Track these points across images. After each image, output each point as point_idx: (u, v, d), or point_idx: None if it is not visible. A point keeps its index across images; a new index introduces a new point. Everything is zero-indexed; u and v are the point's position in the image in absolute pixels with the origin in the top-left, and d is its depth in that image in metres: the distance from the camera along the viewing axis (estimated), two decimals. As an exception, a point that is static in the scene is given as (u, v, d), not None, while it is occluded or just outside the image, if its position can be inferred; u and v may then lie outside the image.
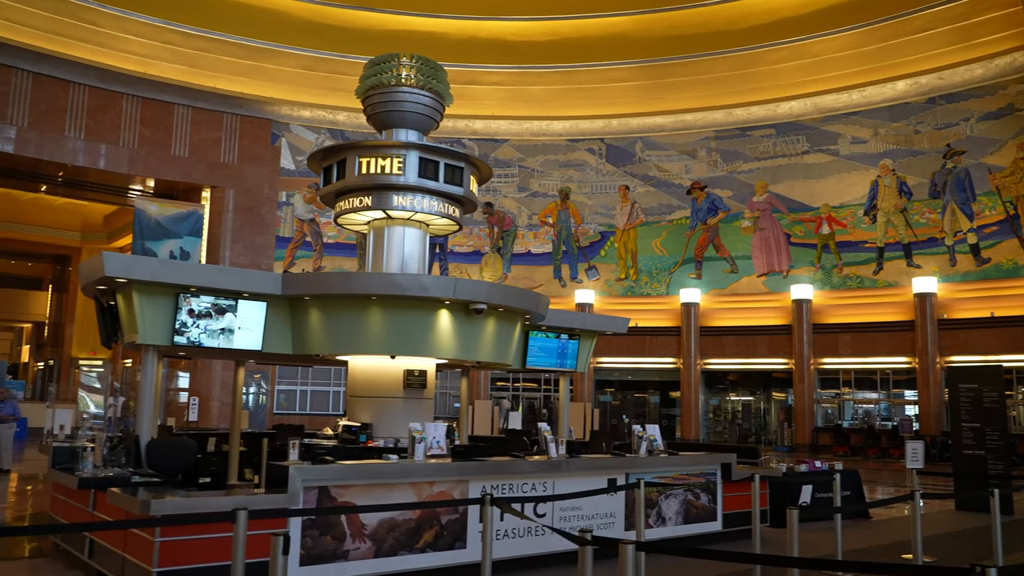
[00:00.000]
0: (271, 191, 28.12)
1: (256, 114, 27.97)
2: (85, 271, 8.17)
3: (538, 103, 29.33)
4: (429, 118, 10.24)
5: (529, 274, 29.42)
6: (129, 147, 25.97)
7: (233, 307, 8.18)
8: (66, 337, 36.91)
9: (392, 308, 8.54)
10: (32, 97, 24.33)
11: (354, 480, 6.58)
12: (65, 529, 7.40)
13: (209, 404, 26.07)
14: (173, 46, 26.15)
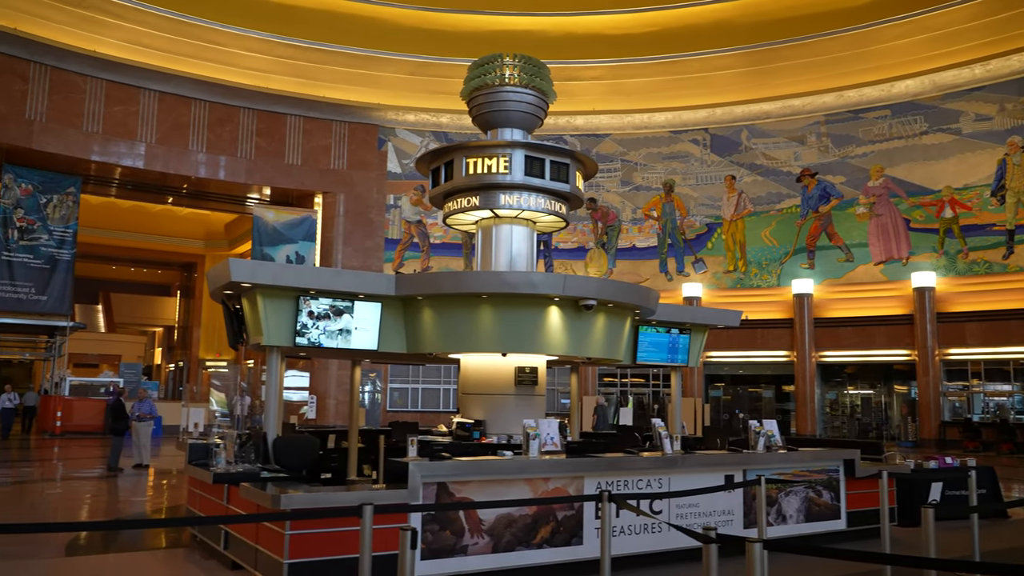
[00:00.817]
0: (379, 195, 28.90)
1: (363, 120, 28.80)
2: (213, 277, 8.61)
3: (639, 96, 28.99)
4: (534, 116, 10.28)
5: (634, 269, 29.13)
6: (247, 158, 27.23)
7: (350, 308, 8.45)
8: (194, 340, 39.02)
9: (502, 306, 8.63)
10: (159, 115, 25.86)
11: (471, 476, 6.69)
12: (203, 522, 7.83)
13: (326, 402, 27.05)
14: (286, 59, 27.22)
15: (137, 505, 12.04)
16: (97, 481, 14.24)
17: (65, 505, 11.78)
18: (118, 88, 25.27)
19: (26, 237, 24.22)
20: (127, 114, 25.44)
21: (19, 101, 23.74)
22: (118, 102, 25.28)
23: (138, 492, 13.20)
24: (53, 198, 24.84)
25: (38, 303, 24.40)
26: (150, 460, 16.13)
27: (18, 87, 23.72)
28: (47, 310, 24.64)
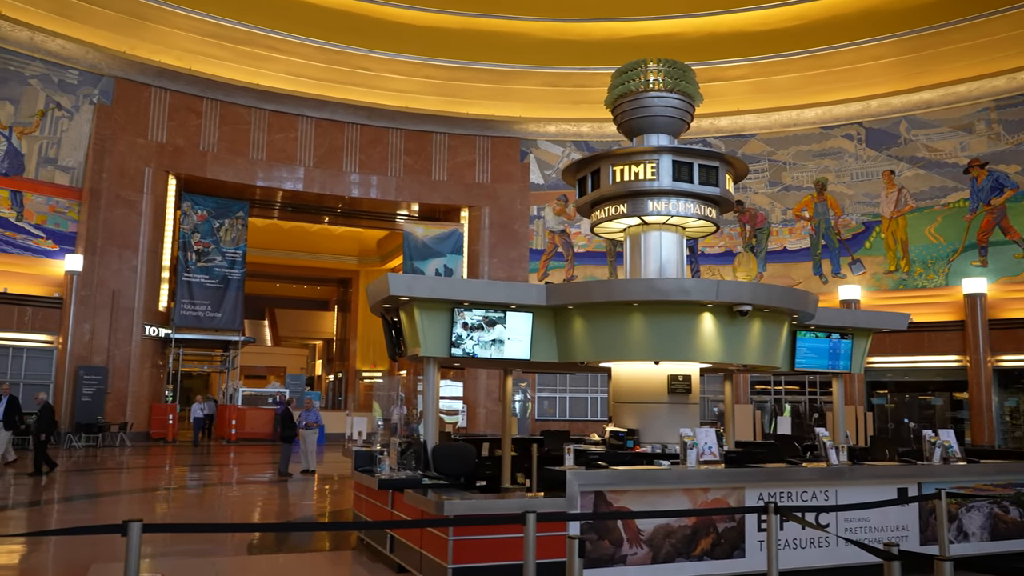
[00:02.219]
0: (523, 206, 29.31)
1: (506, 134, 29.34)
2: (372, 291, 9.01)
3: (786, 93, 27.91)
4: (680, 120, 10.14)
5: (786, 272, 28.01)
6: (396, 176, 28.38)
7: (502, 319, 8.61)
8: (351, 352, 40.91)
9: (654, 313, 8.53)
10: (315, 140, 27.44)
11: (628, 485, 6.65)
12: (370, 526, 8.18)
13: (476, 411, 27.64)
14: (431, 79, 28.18)
15: (306, 508, 12.74)
16: (268, 485, 15.19)
17: (242, 507, 12.63)
18: (279, 117, 27.03)
19: (202, 259, 26.30)
20: (287, 141, 27.15)
21: (194, 135, 25.85)
22: (279, 130, 27.03)
23: (306, 496, 13.97)
24: (225, 222, 26.85)
25: (214, 319, 26.40)
26: (316, 466, 17.03)
27: (193, 122, 25.83)
28: (221, 326, 26.61)
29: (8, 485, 14.03)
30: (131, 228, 24.47)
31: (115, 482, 15.63)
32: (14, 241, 23.28)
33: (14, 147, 23.36)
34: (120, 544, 8.75)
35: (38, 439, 15.25)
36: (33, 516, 11.34)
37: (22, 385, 23.12)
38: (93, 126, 24.38)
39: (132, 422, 23.78)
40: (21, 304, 22.98)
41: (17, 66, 23.23)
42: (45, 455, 15.31)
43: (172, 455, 21.15)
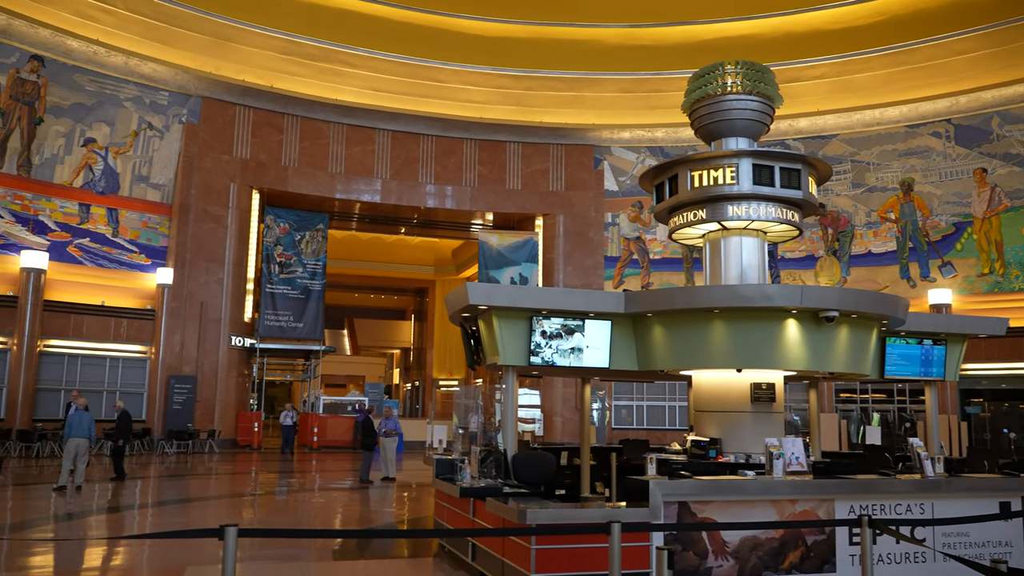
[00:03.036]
0: (597, 213, 29.19)
1: (579, 141, 29.30)
2: (452, 301, 9.10)
3: (868, 91, 27.06)
4: (759, 123, 9.94)
5: (871, 275, 27.10)
6: (470, 186, 28.66)
7: (580, 327, 8.57)
8: (427, 360, 41.37)
9: (736, 320, 8.37)
10: (392, 152, 27.96)
11: (713, 496, 6.52)
12: (454, 533, 8.23)
13: (552, 419, 27.59)
14: (504, 89, 28.37)
15: (386, 515, 12.91)
16: (350, 492, 15.47)
17: (326, 513, 12.89)
18: (356, 131, 27.65)
19: (285, 271, 27.05)
20: (365, 153, 27.73)
21: (276, 150, 26.65)
22: (357, 143, 27.65)
23: (386, 503, 14.16)
24: (306, 235, 27.57)
25: (296, 329, 27.10)
26: (395, 473, 17.26)
27: (275, 138, 26.65)
28: (303, 335, 27.29)
29: (94, 491, 14.65)
30: (217, 242, 25.35)
31: (204, 487, 16.15)
32: (110, 256, 24.42)
33: (110, 167, 24.53)
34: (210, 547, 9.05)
35: (115, 445, 15.85)
36: (128, 519, 11.81)
37: (118, 393, 24.18)
38: (182, 144, 25.39)
39: (220, 429, 24.58)
40: (117, 316, 24.09)
41: (113, 89, 24.39)
42: (120, 462, 15.87)
43: (258, 461, 21.75)
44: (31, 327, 22.42)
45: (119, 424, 15.88)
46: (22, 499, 13.15)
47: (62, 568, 8.41)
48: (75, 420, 14.30)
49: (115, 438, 15.89)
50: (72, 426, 14.24)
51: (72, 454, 14.10)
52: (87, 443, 14.32)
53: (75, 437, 14.17)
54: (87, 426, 14.33)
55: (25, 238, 23.00)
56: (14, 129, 22.83)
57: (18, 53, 22.67)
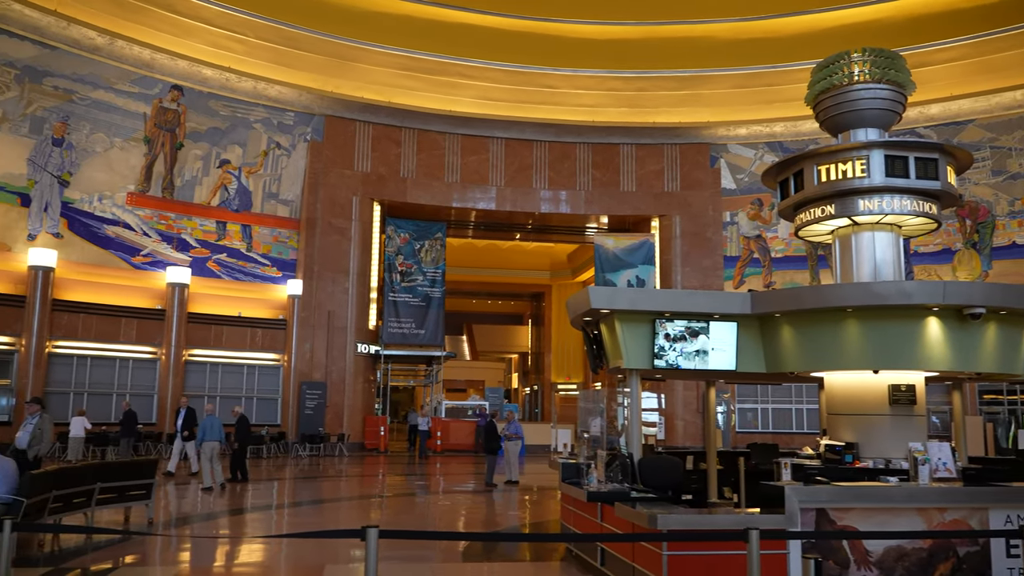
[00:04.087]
0: (715, 213, 28.58)
1: (694, 140, 28.79)
2: (573, 305, 9.13)
3: (1008, 71, 25.28)
4: (890, 112, 9.49)
5: (1016, 269, 25.31)
6: (584, 190, 28.64)
7: (705, 329, 8.42)
8: (545, 364, 41.56)
9: (871, 319, 8.01)
10: (506, 160, 28.32)
11: (854, 503, 6.27)
12: (585, 538, 8.24)
13: (674, 423, 27.16)
14: (615, 92, 28.23)
15: (512, 518, 13.05)
16: (475, 495, 15.73)
17: (453, 516, 13.15)
18: (471, 140, 28.16)
19: (406, 279, 27.85)
20: (479, 162, 28.21)
21: (395, 163, 27.49)
22: (472, 152, 28.16)
23: (511, 506, 14.32)
24: (425, 243, 28.29)
25: (417, 336, 27.82)
26: (518, 477, 17.42)
27: (393, 151, 27.49)
28: (424, 342, 27.98)
29: (236, 491, 15.46)
30: (342, 253, 26.36)
31: (335, 489, 16.80)
32: (245, 270, 25.84)
33: (243, 185, 25.97)
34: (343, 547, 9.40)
35: (235, 449, 16.66)
36: (266, 519, 12.44)
37: (256, 399, 25.55)
38: (307, 161, 26.58)
39: (348, 433, 25.52)
40: (252, 326, 25.46)
41: (244, 113, 25.81)
42: (241, 465, 16.65)
43: (385, 464, 22.43)
44: (177, 338, 24.01)
45: (237, 429, 16.72)
46: (177, 498, 14.06)
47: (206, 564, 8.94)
48: (208, 424, 15.24)
49: (236, 442, 16.70)
50: (206, 430, 15.19)
51: (209, 456, 15.01)
52: (220, 445, 15.26)
53: (210, 440, 15.10)
54: (219, 429, 15.26)
55: (170, 255, 24.65)
56: (158, 155, 24.53)
57: (160, 84, 24.33)
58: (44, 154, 22.60)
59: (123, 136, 23.95)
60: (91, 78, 23.18)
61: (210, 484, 14.82)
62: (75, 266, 22.83)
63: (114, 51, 23.23)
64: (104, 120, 23.60)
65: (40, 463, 11.16)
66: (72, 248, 22.91)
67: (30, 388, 21.22)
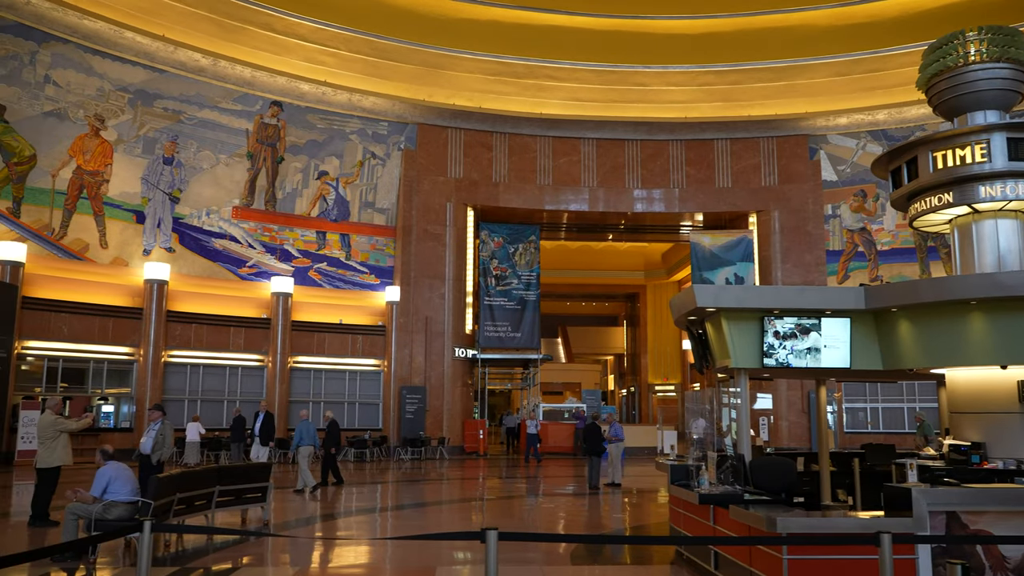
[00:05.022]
0: (815, 206, 27.66)
1: (791, 132, 27.96)
2: (677, 304, 8.97)
3: None
4: (1011, 92, 8.96)
5: None
6: (678, 187, 28.20)
7: (816, 326, 8.13)
8: (642, 366, 41.12)
9: (997, 312, 7.56)
10: (597, 160, 28.17)
11: (988, 506, 5.93)
12: (699, 541, 8.07)
13: (779, 423, 26.40)
14: (708, 86, 27.71)
15: (617, 521, 12.93)
16: (578, 498, 15.66)
17: (558, 518, 13.12)
18: (562, 142, 28.14)
19: (501, 283, 28.04)
20: (571, 164, 28.15)
21: (487, 168, 27.73)
22: (563, 154, 28.13)
23: (616, 509, 14.18)
24: (519, 247, 28.41)
25: (513, 339, 27.95)
26: (621, 479, 17.25)
27: (485, 156, 27.74)
28: (520, 345, 28.09)
29: (342, 494, 15.84)
30: (437, 259, 26.75)
31: (437, 492, 17.02)
32: (344, 278, 26.55)
33: (341, 196, 26.70)
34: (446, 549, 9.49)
35: (328, 453, 17.02)
36: (372, 521, 12.69)
37: (357, 405, 26.20)
38: (401, 170, 27.11)
39: (448, 436, 25.84)
40: (353, 333, 26.12)
41: (340, 125, 26.55)
42: (335, 468, 16.98)
43: (485, 467, 22.61)
44: (282, 345, 24.86)
45: (329, 433, 17.13)
46: (281, 501, 14.52)
47: (320, 565, 9.18)
48: (303, 429, 15.72)
49: (327, 446, 17.11)
50: (302, 435, 15.68)
51: (305, 459, 15.47)
52: (314, 449, 15.73)
53: (305, 445, 15.57)
54: (312, 434, 15.75)
55: (274, 266, 25.56)
56: (260, 169, 25.50)
57: (261, 101, 25.28)
58: (156, 173, 23.82)
59: (227, 152, 24.99)
60: (197, 98, 24.28)
61: (302, 487, 15.25)
62: (186, 278, 23.95)
63: (218, 71, 24.27)
64: (210, 138, 24.69)
65: (163, 467, 11.71)
66: (183, 261, 24.05)
67: (148, 396, 22.36)
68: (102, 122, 22.76)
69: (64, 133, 22.18)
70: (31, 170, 21.66)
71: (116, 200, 23.14)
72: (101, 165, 22.84)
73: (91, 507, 8.80)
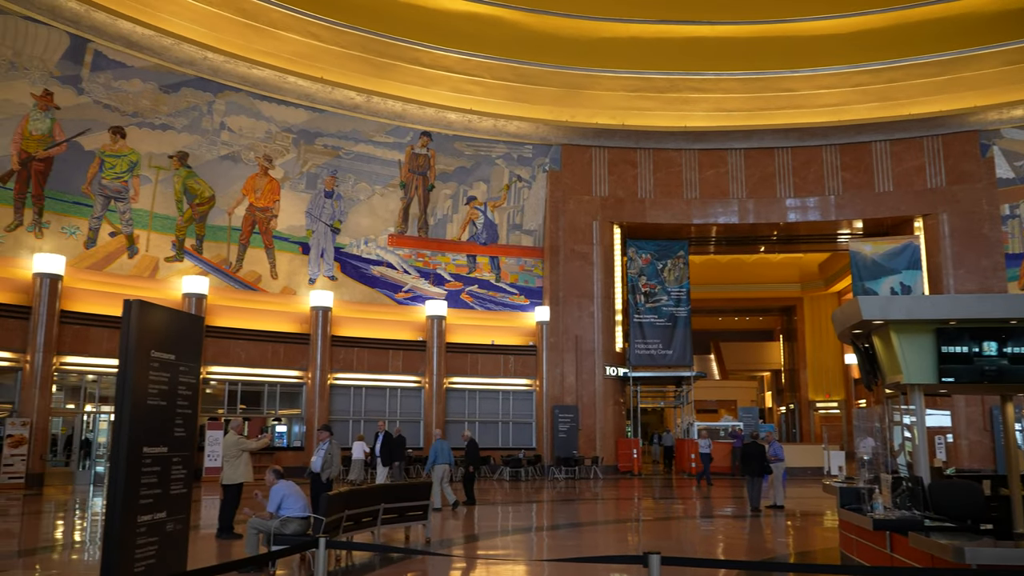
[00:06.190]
0: (990, 207, 25.65)
1: (959, 129, 26.12)
2: (840, 317, 8.56)
3: None
4: None
5: None
6: (834, 194, 26.95)
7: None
8: (801, 382, 39.36)
9: None
10: (746, 171, 27.40)
11: None
12: (874, 572, 7.62)
13: (957, 442, 24.54)
14: (861, 87, 26.40)
15: (782, 545, 12.40)
16: (738, 520, 15.13)
17: (719, 542, 12.74)
18: (708, 154, 27.58)
19: (650, 300, 27.71)
20: (718, 176, 27.52)
21: (632, 184, 27.60)
22: (709, 167, 27.56)
23: (779, 532, 13.61)
24: (667, 263, 28.01)
25: (665, 356, 27.51)
26: (783, 501, 16.54)
27: (630, 173, 27.62)
28: (672, 362, 27.60)
29: (495, 513, 16.03)
30: (585, 277, 26.81)
31: (592, 512, 16.94)
32: (495, 300, 27.13)
33: (489, 219, 27.36)
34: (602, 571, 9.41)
35: (467, 472, 17.15)
36: (527, 541, 12.79)
37: (511, 424, 26.59)
38: (547, 191, 27.45)
39: (602, 456, 25.70)
40: (504, 353, 26.62)
41: (486, 150, 27.26)
42: (471, 487, 17.09)
43: (640, 487, 22.30)
44: (438, 367, 25.67)
45: (467, 452, 17.31)
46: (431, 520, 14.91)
47: (490, 583, 9.34)
48: (439, 448, 16.02)
49: (466, 465, 17.28)
50: (438, 454, 15.98)
51: (440, 478, 15.73)
52: (449, 468, 15.95)
53: (441, 464, 15.83)
54: (447, 453, 16.03)
55: (428, 290, 26.49)
56: (413, 197, 26.57)
57: (411, 132, 26.38)
58: (318, 206, 25.32)
59: (382, 183, 26.21)
60: (353, 134, 25.65)
61: (440, 505, 15.45)
62: (347, 304, 25.24)
63: (371, 107, 25.54)
64: (365, 170, 25.99)
65: (332, 485, 12.33)
66: (345, 289, 25.36)
67: (316, 417, 23.66)
68: (270, 162, 24.48)
69: (238, 174, 24.02)
70: (210, 210, 23.61)
71: (284, 233, 24.77)
72: (270, 202, 24.55)
73: (270, 522, 9.40)
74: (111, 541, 5.16)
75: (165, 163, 22.84)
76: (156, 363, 5.59)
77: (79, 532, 13.29)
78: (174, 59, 22.22)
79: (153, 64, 21.96)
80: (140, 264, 22.40)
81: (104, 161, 21.76)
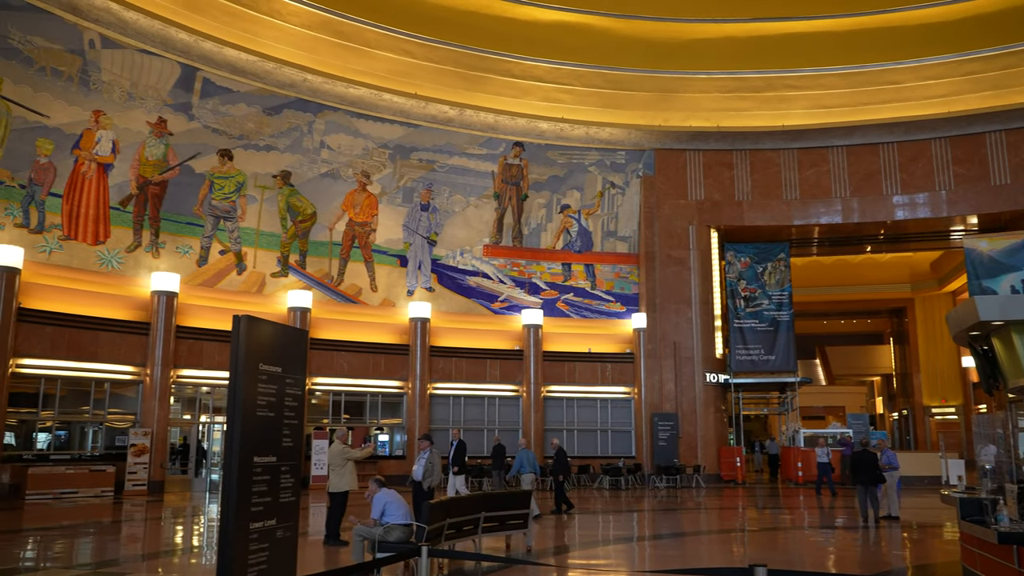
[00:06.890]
0: (1124, 196, 23.91)
1: (1084, 114, 24.46)
2: (954, 319, 8.16)
3: None
4: None
5: None
6: (945, 189, 25.69)
7: None
8: (915, 386, 37.59)
9: None
10: (848, 169, 26.42)
11: None
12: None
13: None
14: (974, 75, 25.10)
15: (897, 559, 11.85)
16: (849, 531, 14.54)
17: (830, 554, 12.28)
18: (807, 153, 26.73)
19: (750, 304, 27.04)
20: (819, 175, 26.63)
21: (728, 187, 27.02)
22: (809, 166, 26.70)
23: (894, 545, 13.02)
24: (767, 266, 27.28)
25: (767, 362, 26.76)
26: (898, 512, 15.82)
27: (726, 175, 27.06)
28: (775, 368, 26.82)
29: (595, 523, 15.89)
30: (682, 283, 26.39)
31: (695, 522, 16.60)
32: (590, 307, 27.05)
33: (583, 227, 27.32)
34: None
35: (556, 480, 16.98)
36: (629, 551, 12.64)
37: (610, 432, 26.42)
38: (641, 196, 27.19)
39: (704, 464, 25.19)
40: (602, 361, 26.52)
41: (578, 159, 27.24)
42: (563, 495, 16.88)
43: (745, 497, 21.73)
44: (535, 375, 25.78)
45: (556, 461, 17.21)
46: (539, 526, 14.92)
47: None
48: (524, 457, 16.04)
49: (555, 474, 17.16)
50: (523, 463, 16.01)
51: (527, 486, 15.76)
52: (535, 477, 15.97)
53: (526, 472, 15.86)
54: (533, 462, 16.07)
55: (523, 299, 26.65)
56: (507, 207, 26.81)
57: (504, 143, 26.62)
58: (415, 219, 25.87)
59: (476, 194, 26.54)
60: (447, 147, 26.09)
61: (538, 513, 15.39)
62: (445, 315, 25.65)
63: (464, 120, 25.92)
64: (460, 183, 26.39)
65: (433, 493, 12.53)
66: (442, 300, 25.79)
67: (417, 426, 24.11)
68: (368, 177, 25.17)
69: (337, 191, 24.81)
70: (312, 226, 24.47)
71: (382, 247, 25.43)
72: (368, 216, 25.23)
73: (374, 530, 9.62)
74: (226, 547, 5.39)
75: (269, 182, 23.82)
76: (264, 376, 5.82)
77: (196, 537, 13.95)
78: (276, 82, 23.14)
79: (257, 88, 22.94)
80: (248, 280, 23.41)
81: (213, 183, 22.88)
